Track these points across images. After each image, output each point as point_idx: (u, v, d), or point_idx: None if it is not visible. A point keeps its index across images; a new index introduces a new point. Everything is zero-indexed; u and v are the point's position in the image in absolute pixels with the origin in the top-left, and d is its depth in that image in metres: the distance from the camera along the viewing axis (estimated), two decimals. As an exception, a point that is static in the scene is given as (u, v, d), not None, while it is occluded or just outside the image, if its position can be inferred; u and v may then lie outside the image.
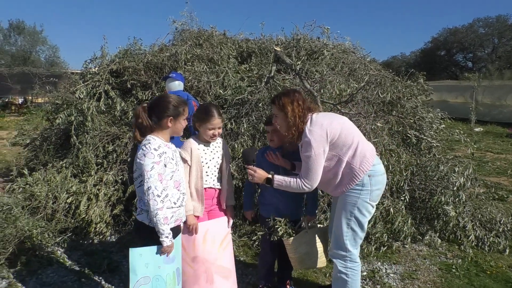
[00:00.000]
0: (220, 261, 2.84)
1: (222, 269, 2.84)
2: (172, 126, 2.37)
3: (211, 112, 2.75)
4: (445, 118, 5.25)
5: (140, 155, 2.24)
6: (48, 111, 5.56)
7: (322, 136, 2.47)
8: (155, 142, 2.28)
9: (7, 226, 3.57)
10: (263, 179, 2.67)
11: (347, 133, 2.54)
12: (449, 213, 3.99)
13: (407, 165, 4.23)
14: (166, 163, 2.30)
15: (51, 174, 4.35)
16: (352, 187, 2.55)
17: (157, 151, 2.24)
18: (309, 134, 2.47)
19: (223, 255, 2.86)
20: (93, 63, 5.68)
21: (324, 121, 2.53)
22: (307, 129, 2.50)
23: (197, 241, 2.75)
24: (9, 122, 15.59)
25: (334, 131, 2.49)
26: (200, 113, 2.81)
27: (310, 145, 2.45)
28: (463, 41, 32.56)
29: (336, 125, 2.53)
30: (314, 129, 2.49)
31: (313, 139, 2.45)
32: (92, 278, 3.42)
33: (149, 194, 2.19)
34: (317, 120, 2.53)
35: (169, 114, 2.34)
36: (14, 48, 30.52)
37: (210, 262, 2.78)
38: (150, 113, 2.35)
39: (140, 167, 2.23)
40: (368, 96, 4.56)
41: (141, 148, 2.26)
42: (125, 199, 4.24)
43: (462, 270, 3.67)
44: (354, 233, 2.62)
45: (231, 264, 2.93)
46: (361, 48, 6.37)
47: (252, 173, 2.68)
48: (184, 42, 5.73)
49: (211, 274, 2.78)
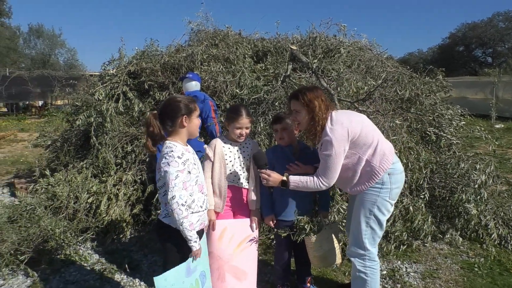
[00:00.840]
0: (235, 262, 2.84)
1: (235, 269, 2.84)
2: (187, 124, 2.32)
3: (240, 112, 2.82)
4: (465, 114, 5.15)
5: (163, 164, 2.20)
6: (68, 113, 5.68)
7: (343, 135, 2.44)
8: (177, 149, 2.24)
9: (31, 225, 3.67)
10: (278, 182, 2.64)
11: (367, 131, 2.52)
12: (470, 211, 3.92)
13: (427, 162, 4.18)
14: (190, 169, 2.28)
15: (72, 175, 4.44)
16: (371, 185, 2.53)
17: (181, 159, 2.21)
18: (330, 133, 2.44)
19: (240, 256, 2.86)
20: (111, 65, 5.76)
21: (345, 120, 2.50)
22: (328, 127, 2.47)
23: (213, 237, 2.78)
24: (30, 124, 15.94)
25: (355, 130, 2.46)
26: (229, 112, 2.91)
27: (331, 144, 2.42)
28: (483, 36, 31.93)
29: (356, 123, 2.51)
30: (336, 127, 2.45)
31: (334, 138, 2.42)
32: (113, 276, 3.48)
33: (173, 203, 2.16)
34: (337, 119, 2.50)
35: (182, 112, 2.29)
36: (33, 51, 31.18)
37: (224, 260, 2.81)
38: (162, 118, 2.30)
39: (164, 176, 2.20)
40: (386, 93, 4.51)
41: (163, 157, 2.22)
42: (144, 199, 4.29)
43: (485, 269, 3.60)
44: (373, 231, 2.60)
45: (248, 267, 2.91)
46: (378, 45, 6.31)
47: (266, 177, 2.64)
48: (200, 43, 5.76)
49: (223, 273, 2.81)
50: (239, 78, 4.98)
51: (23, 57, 30.26)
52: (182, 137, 2.35)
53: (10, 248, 3.48)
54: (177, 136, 2.33)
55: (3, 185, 6.44)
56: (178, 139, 2.33)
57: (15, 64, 26.93)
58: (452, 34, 34.88)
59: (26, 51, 31.21)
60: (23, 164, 8.01)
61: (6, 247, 3.46)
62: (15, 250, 3.50)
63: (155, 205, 4.06)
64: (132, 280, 3.41)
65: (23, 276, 3.43)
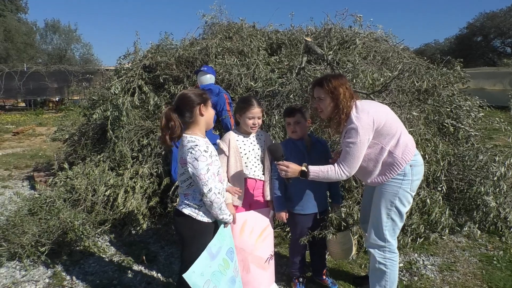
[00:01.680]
0: (258, 252, 2.88)
1: (259, 259, 2.88)
2: (205, 113, 2.35)
3: (251, 101, 2.84)
4: (484, 106, 5.05)
5: (191, 159, 2.21)
6: (85, 107, 5.75)
7: (369, 124, 2.40)
8: (201, 143, 2.26)
9: (50, 218, 3.74)
10: (297, 173, 2.60)
11: (391, 121, 2.49)
12: (489, 204, 3.86)
13: (444, 155, 4.12)
14: (214, 161, 2.32)
15: (90, 168, 4.50)
16: (393, 176, 2.50)
17: (207, 153, 2.25)
18: (356, 121, 2.40)
19: (262, 245, 2.90)
20: (127, 59, 5.81)
21: (371, 109, 2.46)
22: (354, 115, 2.43)
23: (235, 232, 2.80)
24: (47, 119, 16.20)
25: (380, 119, 2.43)
26: (240, 103, 2.91)
27: (356, 131, 2.39)
28: (501, 25, 31.14)
29: (381, 113, 2.48)
30: (361, 116, 2.42)
31: (360, 125, 2.39)
32: (131, 268, 3.53)
33: (211, 195, 2.24)
34: (363, 107, 2.47)
35: (198, 101, 2.32)
36: (50, 47, 31.61)
37: (247, 252, 2.84)
38: (180, 111, 2.31)
39: (193, 171, 2.22)
40: (402, 85, 4.45)
41: (189, 152, 2.23)
42: (161, 191, 4.33)
43: (504, 262, 3.55)
44: (394, 223, 2.58)
45: (269, 254, 2.96)
46: (394, 36, 6.21)
47: (284, 168, 2.59)
48: (214, 36, 5.76)
49: (248, 264, 2.85)
50: (253, 71, 4.97)
51: (40, 52, 30.70)
52: (201, 129, 2.37)
53: (31, 240, 3.56)
54: (196, 128, 2.35)
55: (23, 178, 6.57)
56: (197, 131, 2.34)
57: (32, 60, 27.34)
58: (470, 24, 34.09)
59: (43, 47, 31.66)
60: (41, 157, 8.15)
61: (27, 238, 3.54)
62: (36, 242, 3.58)
63: (171, 197, 4.10)
64: (149, 272, 3.46)
65: (44, 267, 3.51)
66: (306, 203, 2.89)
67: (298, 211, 2.92)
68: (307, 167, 2.59)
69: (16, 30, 26.82)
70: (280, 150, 2.65)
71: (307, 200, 2.89)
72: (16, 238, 3.57)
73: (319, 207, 2.92)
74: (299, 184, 2.78)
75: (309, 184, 2.76)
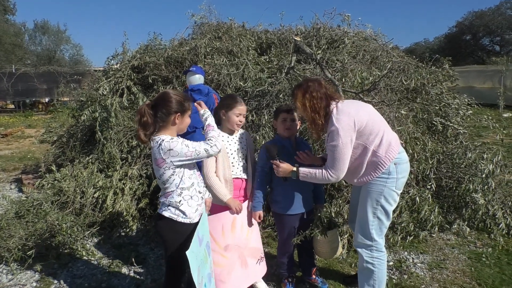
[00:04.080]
0: (252, 244, 2.93)
1: (254, 250, 2.95)
2: (179, 123, 2.33)
3: (237, 98, 2.88)
4: (473, 104, 5.09)
5: (165, 155, 2.21)
6: (73, 109, 5.69)
7: (349, 125, 2.40)
8: (166, 138, 2.25)
9: (38, 220, 3.69)
10: (288, 172, 2.67)
11: (374, 121, 2.49)
12: (477, 201, 3.89)
13: (433, 153, 4.13)
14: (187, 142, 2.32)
15: (78, 170, 4.46)
16: (378, 175, 2.51)
17: (174, 138, 2.26)
18: (336, 123, 2.40)
19: (252, 236, 2.94)
20: (115, 60, 5.76)
21: (351, 110, 2.46)
22: (334, 117, 2.43)
23: (226, 230, 2.79)
24: (37, 121, 16.05)
25: (361, 120, 2.43)
26: (226, 101, 2.91)
27: (337, 134, 2.38)
28: (490, 24, 31.48)
29: (363, 113, 2.47)
30: (341, 117, 2.42)
31: (340, 127, 2.38)
32: (120, 270, 3.50)
33: (209, 148, 2.32)
34: (343, 109, 2.47)
35: (176, 110, 2.29)
36: (39, 48, 31.26)
37: (242, 247, 2.86)
38: (155, 111, 2.29)
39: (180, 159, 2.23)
40: (391, 83, 4.46)
41: (159, 149, 2.22)
42: (150, 193, 4.30)
43: (492, 259, 3.58)
44: (380, 222, 2.58)
45: (260, 243, 3.03)
46: (383, 35, 6.22)
47: (276, 168, 2.69)
48: (203, 36, 5.74)
49: (245, 258, 2.88)
50: (243, 71, 4.95)
51: (28, 53, 30.33)
52: (172, 134, 2.34)
53: (18, 243, 3.51)
54: (167, 131, 2.32)
55: (11, 181, 6.50)
56: (167, 133, 2.32)
57: (21, 61, 27.01)
58: (459, 23, 34.39)
59: (31, 48, 31.29)
60: (30, 160, 8.07)
61: (13, 242, 3.50)
62: (23, 245, 3.53)
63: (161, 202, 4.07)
64: (139, 274, 3.43)
65: (31, 271, 3.46)
66: (293, 203, 2.89)
67: (285, 211, 2.91)
68: (297, 168, 2.63)
69: (4, 31, 26.46)
70: (275, 150, 2.72)
71: (294, 200, 2.89)
72: (2, 242, 3.52)
73: (305, 207, 2.93)
74: (285, 184, 2.80)
75: (295, 184, 2.78)
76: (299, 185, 2.81)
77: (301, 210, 2.91)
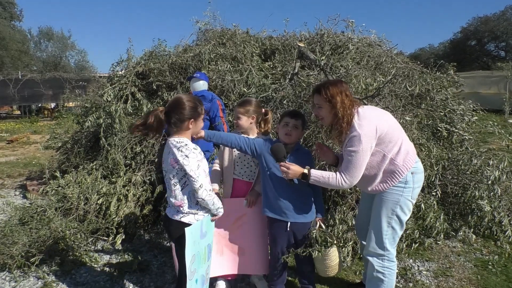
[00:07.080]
0: (232, 238, 2.96)
1: (232, 244, 2.97)
2: (192, 127, 2.39)
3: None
4: (478, 109, 5.06)
5: (181, 157, 2.26)
6: (78, 115, 5.71)
7: (371, 131, 2.35)
8: (190, 143, 2.32)
9: (41, 227, 3.69)
10: (298, 175, 2.53)
11: (394, 129, 2.45)
12: (483, 208, 3.85)
13: (438, 159, 4.10)
14: (203, 159, 2.38)
15: (82, 176, 4.46)
16: (394, 184, 2.46)
17: (197, 150, 2.31)
18: (358, 128, 2.35)
19: (236, 232, 2.96)
20: (120, 66, 5.79)
21: (373, 116, 2.42)
22: (356, 123, 2.37)
23: None
24: (42, 127, 16.11)
25: (382, 127, 2.38)
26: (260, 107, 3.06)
27: (359, 139, 2.33)
28: (495, 29, 31.37)
29: (383, 120, 2.43)
30: (364, 123, 2.36)
31: (363, 133, 2.33)
32: (123, 277, 3.48)
33: (203, 191, 2.30)
34: (365, 115, 2.41)
35: (189, 116, 2.34)
36: (45, 54, 31.48)
37: (221, 235, 2.94)
38: (168, 118, 2.34)
39: (184, 169, 2.27)
40: (396, 89, 4.44)
41: (180, 150, 2.27)
42: (154, 199, 4.29)
43: (499, 267, 3.54)
44: (394, 231, 2.55)
45: (245, 244, 2.98)
46: (387, 40, 6.22)
47: (285, 170, 2.53)
48: (207, 42, 5.76)
49: (221, 247, 2.94)
50: (246, 77, 4.96)
51: (34, 60, 30.54)
52: (187, 136, 2.41)
53: (21, 250, 3.50)
54: (183, 135, 2.39)
55: (16, 187, 6.51)
56: (184, 136, 2.38)
57: (27, 67, 27.23)
58: (464, 29, 34.31)
59: (37, 54, 31.51)
60: (35, 166, 8.09)
61: (17, 249, 3.49)
62: (26, 252, 3.53)
63: (165, 205, 4.06)
64: (142, 281, 3.41)
65: (34, 278, 3.45)
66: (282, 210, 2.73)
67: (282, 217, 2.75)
68: (309, 170, 2.52)
69: (11, 37, 26.70)
70: (283, 151, 2.57)
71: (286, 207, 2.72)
72: (5, 249, 3.51)
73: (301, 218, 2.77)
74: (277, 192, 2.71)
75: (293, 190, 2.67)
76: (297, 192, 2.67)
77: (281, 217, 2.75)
